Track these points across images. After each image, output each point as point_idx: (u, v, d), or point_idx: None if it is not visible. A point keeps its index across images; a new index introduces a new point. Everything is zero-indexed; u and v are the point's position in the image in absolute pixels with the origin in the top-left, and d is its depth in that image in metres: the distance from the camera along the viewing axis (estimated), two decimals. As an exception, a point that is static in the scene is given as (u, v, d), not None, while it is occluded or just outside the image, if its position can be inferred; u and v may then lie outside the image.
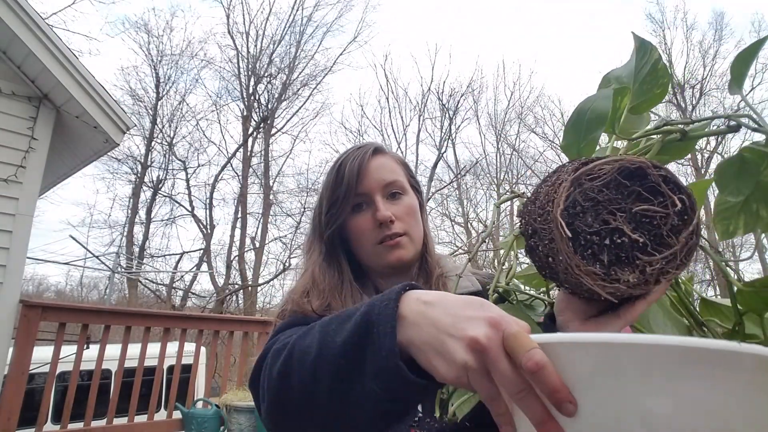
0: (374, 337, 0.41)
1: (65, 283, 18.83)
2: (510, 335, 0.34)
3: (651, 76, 0.53)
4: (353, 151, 0.82)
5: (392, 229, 0.78)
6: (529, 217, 0.49)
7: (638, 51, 0.54)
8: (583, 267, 0.40)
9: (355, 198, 0.80)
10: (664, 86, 0.53)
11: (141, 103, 14.80)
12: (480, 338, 0.35)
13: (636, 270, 0.40)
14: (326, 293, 0.76)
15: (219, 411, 3.06)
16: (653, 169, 0.40)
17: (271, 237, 14.77)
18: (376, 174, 0.80)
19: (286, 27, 15.22)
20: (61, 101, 3.38)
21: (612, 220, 0.40)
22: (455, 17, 24.94)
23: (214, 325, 3.96)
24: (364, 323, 0.43)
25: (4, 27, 3.08)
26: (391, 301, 0.42)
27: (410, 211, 0.82)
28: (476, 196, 16.91)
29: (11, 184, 3.16)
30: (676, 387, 0.28)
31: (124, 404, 3.10)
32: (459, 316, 0.38)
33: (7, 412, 2.57)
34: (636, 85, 0.55)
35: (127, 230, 14.42)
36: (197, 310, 13.03)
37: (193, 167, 15.09)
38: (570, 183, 0.41)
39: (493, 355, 0.34)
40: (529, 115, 16.85)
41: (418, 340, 0.39)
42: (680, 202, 0.39)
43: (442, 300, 0.40)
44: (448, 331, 0.37)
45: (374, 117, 21.70)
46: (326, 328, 0.48)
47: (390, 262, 0.79)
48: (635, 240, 0.39)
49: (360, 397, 0.42)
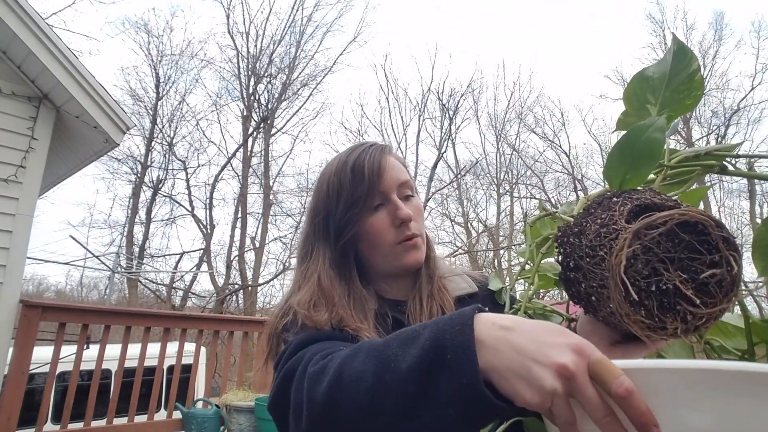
0: (450, 362, 0.40)
1: (65, 283, 18.85)
2: (596, 361, 0.35)
3: (685, 85, 0.51)
4: (367, 149, 0.79)
5: (411, 230, 0.77)
6: (571, 249, 0.48)
7: (676, 55, 0.51)
8: (632, 316, 0.40)
9: (374, 197, 0.77)
10: (696, 99, 0.51)
11: (141, 103, 14.82)
12: (568, 365, 0.35)
13: (678, 318, 0.40)
14: (336, 304, 0.72)
15: (219, 411, 3.06)
16: (716, 229, 0.40)
17: (271, 237, 14.79)
18: (393, 173, 0.78)
19: (286, 27, 15.24)
20: (61, 101, 3.38)
21: (663, 269, 0.40)
22: (455, 17, 24.96)
23: (214, 325, 3.96)
24: (435, 348, 0.42)
25: (4, 27, 3.08)
26: (465, 326, 0.41)
27: (420, 212, 0.81)
28: (476, 196, 16.92)
29: (11, 184, 3.16)
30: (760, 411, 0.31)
31: (124, 404, 3.10)
32: (543, 342, 0.38)
33: (7, 412, 2.57)
34: (667, 91, 0.52)
35: (127, 230, 14.43)
36: (197, 310, 13.03)
37: (193, 167, 15.12)
38: (633, 236, 0.41)
39: (580, 381, 0.35)
40: (529, 115, 16.87)
41: (500, 366, 0.39)
42: (736, 264, 0.39)
43: (521, 325, 0.40)
44: (534, 357, 0.37)
45: (374, 117, 21.76)
46: (384, 351, 0.46)
47: (408, 263, 0.78)
48: (689, 296, 0.39)
49: (432, 422, 0.41)
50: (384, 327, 0.74)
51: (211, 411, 3.05)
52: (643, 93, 0.54)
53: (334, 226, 0.77)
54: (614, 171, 0.50)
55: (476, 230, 16.14)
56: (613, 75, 16.49)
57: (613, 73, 16.86)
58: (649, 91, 0.54)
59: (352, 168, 0.77)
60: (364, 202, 0.75)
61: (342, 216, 0.77)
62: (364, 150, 0.79)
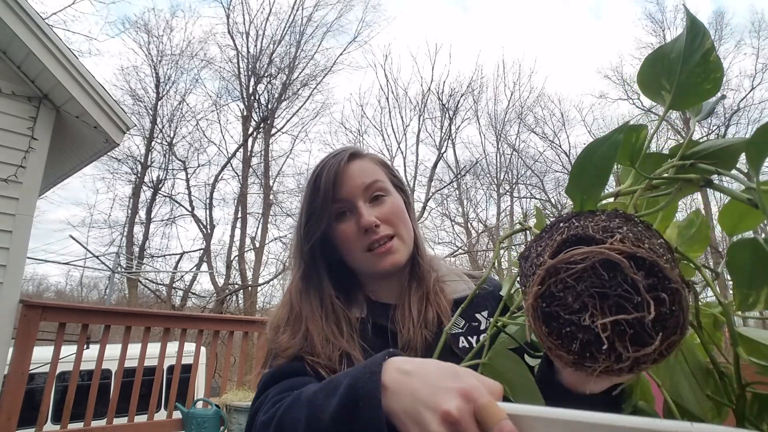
0: (360, 409, 0.44)
1: (65, 283, 18.86)
2: (481, 407, 0.37)
3: (701, 67, 0.44)
4: (329, 159, 0.78)
5: (379, 233, 0.75)
6: (522, 274, 0.46)
7: (689, 32, 0.45)
8: (554, 350, 0.39)
9: (335, 206, 0.77)
10: (716, 82, 0.45)
11: (141, 103, 14.83)
12: (452, 411, 0.38)
13: (611, 357, 0.37)
14: (303, 319, 0.73)
15: (219, 411, 3.06)
16: (633, 271, 0.36)
17: (271, 237, 14.79)
18: (355, 179, 0.77)
19: (286, 27, 15.25)
20: (61, 101, 3.38)
21: (591, 306, 0.37)
22: (455, 17, 24.95)
23: (214, 325, 3.96)
24: (349, 396, 0.45)
25: (4, 27, 3.08)
26: (374, 374, 0.45)
27: (395, 211, 0.78)
28: (476, 196, 16.94)
29: (11, 184, 3.16)
30: None
31: (124, 404, 3.10)
32: (435, 387, 0.40)
33: (7, 412, 2.57)
34: (683, 75, 0.45)
35: (127, 230, 14.43)
36: (197, 310, 13.04)
37: (193, 167, 15.12)
38: (545, 273, 0.39)
39: (463, 427, 0.37)
40: (529, 115, 16.89)
41: (399, 410, 0.42)
42: (657, 305, 0.36)
43: (421, 369, 0.43)
44: (425, 403, 0.40)
45: (374, 117, 21.75)
46: (313, 401, 0.50)
47: (384, 268, 0.76)
48: (607, 334, 0.37)
49: None
50: (365, 336, 0.74)
51: (211, 411, 3.05)
52: (657, 78, 0.48)
53: (302, 237, 0.78)
54: (572, 191, 0.48)
55: (476, 230, 16.16)
56: (613, 75, 16.53)
57: (613, 73, 16.85)
58: (664, 75, 0.47)
59: (313, 180, 0.77)
60: (321, 213, 0.76)
61: (305, 227, 0.77)
62: (327, 160, 0.78)
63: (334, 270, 0.80)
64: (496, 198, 16.53)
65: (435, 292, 0.78)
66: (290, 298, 0.77)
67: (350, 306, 0.78)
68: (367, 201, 0.78)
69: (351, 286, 0.81)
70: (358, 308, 0.78)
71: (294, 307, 0.76)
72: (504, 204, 16.63)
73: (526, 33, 25.76)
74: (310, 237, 0.77)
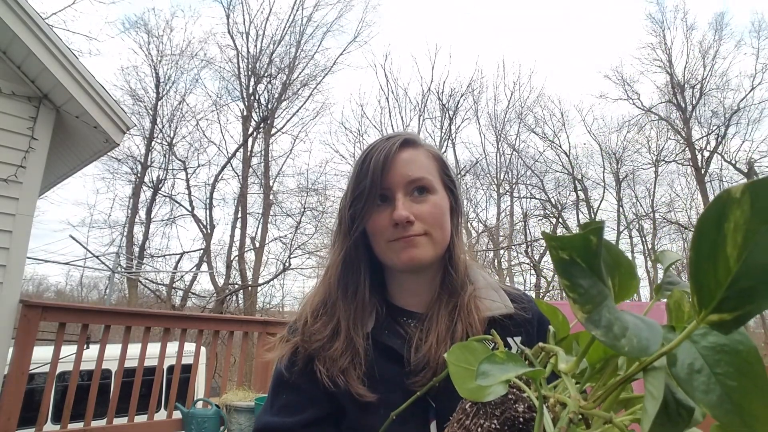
0: None
1: (65, 283, 18.87)
2: None
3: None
4: (380, 143, 0.76)
5: (409, 231, 0.72)
6: None
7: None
8: None
9: (379, 193, 0.74)
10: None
11: (141, 103, 14.82)
12: None
13: None
14: (336, 312, 0.73)
15: (219, 411, 3.06)
16: None
17: (271, 237, 14.78)
18: (402, 168, 0.74)
19: (286, 27, 15.24)
20: (61, 101, 3.38)
21: None
22: (455, 17, 24.95)
23: (214, 325, 3.96)
24: None
25: (4, 27, 3.08)
26: None
27: (435, 211, 0.74)
28: (476, 196, 16.90)
29: (11, 184, 3.16)
30: None
31: (124, 404, 3.10)
32: None
33: (7, 412, 2.56)
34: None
35: (127, 230, 14.42)
36: (197, 310, 13.03)
37: (193, 167, 15.11)
38: None
39: None
40: (529, 115, 16.87)
41: None
42: None
43: None
44: None
45: (374, 117, 21.68)
46: None
47: (402, 260, 0.73)
48: None
49: None
50: (374, 348, 0.72)
51: (211, 411, 3.05)
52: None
53: (347, 218, 0.76)
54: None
55: (476, 230, 16.14)
56: (613, 75, 16.52)
57: (613, 73, 16.82)
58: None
59: (362, 161, 0.75)
60: (366, 197, 0.73)
61: (350, 208, 0.76)
62: (379, 143, 0.76)
63: (372, 259, 0.79)
64: (496, 198, 16.52)
65: (469, 308, 0.73)
66: (328, 284, 0.77)
67: (372, 312, 0.76)
68: (409, 194, 0.75)
69: (378, 281, 0.80)
70: (380, 313, 0.76)
71: (331, 294, 0.76)
72: (504, 204, 16.63)
73: (526, 33, 25.78)
74: (356, 221, 0.75)
